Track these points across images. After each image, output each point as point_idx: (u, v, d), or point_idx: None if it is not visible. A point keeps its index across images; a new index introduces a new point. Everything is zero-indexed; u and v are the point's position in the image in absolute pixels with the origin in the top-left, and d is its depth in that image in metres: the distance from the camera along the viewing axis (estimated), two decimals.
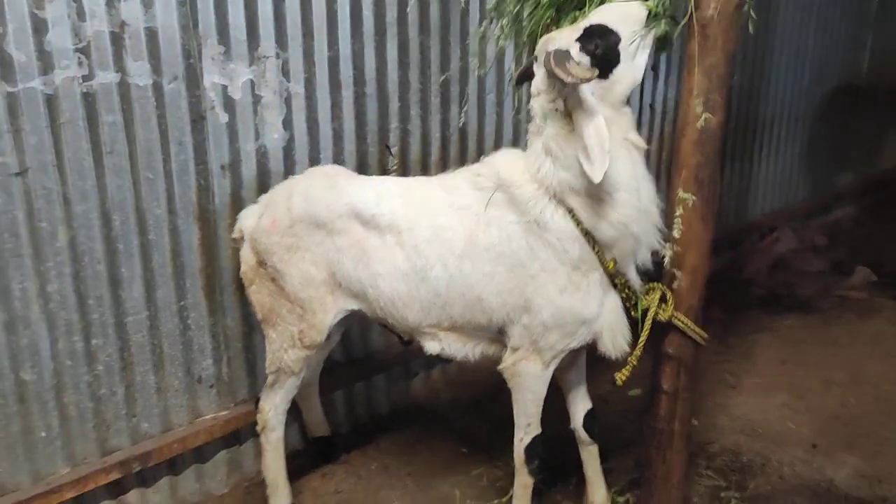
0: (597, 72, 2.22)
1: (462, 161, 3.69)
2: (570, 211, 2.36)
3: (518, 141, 3.87)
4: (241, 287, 3.04)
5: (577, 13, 2.46)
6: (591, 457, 2.96)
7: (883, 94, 6.65)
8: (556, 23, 2.54)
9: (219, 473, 3.24)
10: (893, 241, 5.89)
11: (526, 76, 2.51)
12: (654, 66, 4.30)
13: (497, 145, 3.82)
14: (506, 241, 2.45)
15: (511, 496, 2.90)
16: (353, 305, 2.74)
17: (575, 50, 2.24)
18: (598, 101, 2.27)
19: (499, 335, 2.63)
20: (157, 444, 2.97)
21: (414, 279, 2.57)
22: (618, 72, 2.27)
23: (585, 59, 2.25)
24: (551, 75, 2.23)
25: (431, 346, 2.71)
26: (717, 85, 2.28)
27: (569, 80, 2.16)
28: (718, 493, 3.10)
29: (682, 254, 2.47)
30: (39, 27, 2.47)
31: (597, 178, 2.18)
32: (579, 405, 2.91)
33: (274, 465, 2.98)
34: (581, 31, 2.28)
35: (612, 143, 2.21)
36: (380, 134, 3.41)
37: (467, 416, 3.73)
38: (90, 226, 2.70)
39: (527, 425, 2.70)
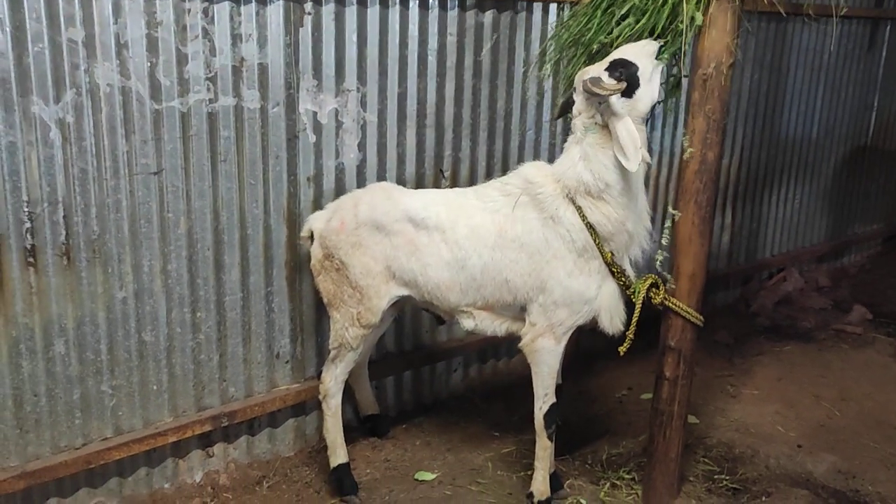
0: (625, 84, 2.83)
1: None
2: (579, 208, 3.00)
3: None
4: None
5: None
6: None
7: (888, 152, 7.19)
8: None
9: (287, 438, 3.81)
10: (892, 286, 6.38)
11: (566, 106, 3.13)
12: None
13: None
14: (528, 233, 3.08)
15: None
16: (404, 292, 3.32)
17: (605, 77, 2.85)
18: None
19: (521, 313, 3.23)
20: (241, 406, 3.55)
21: (455, 267, 3.18)
22: (639, 93, 2.89)
23: (613, 82, 2.86)
24: (589, 94, 2.85)
25: (467, 323, 3.31)
26: (714, 127, 2.88)
27: (604, 93, 2.79)
28: (712, 476, 3.61)
29: (682, 263, 3.05)
30: (181, 60, 3.13)
31: (633, 168, 2.80)
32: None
33: (333, 428, 3.52)
34: (608, 64, 2.91)
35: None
36: (436, 159, 4.03)
37: (499, 406, 4.28)
38: (204, 218, 3.33)
39: (544, 395, 3.28)
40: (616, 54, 2.93)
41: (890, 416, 4.22)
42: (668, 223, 3.11)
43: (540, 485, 3.35)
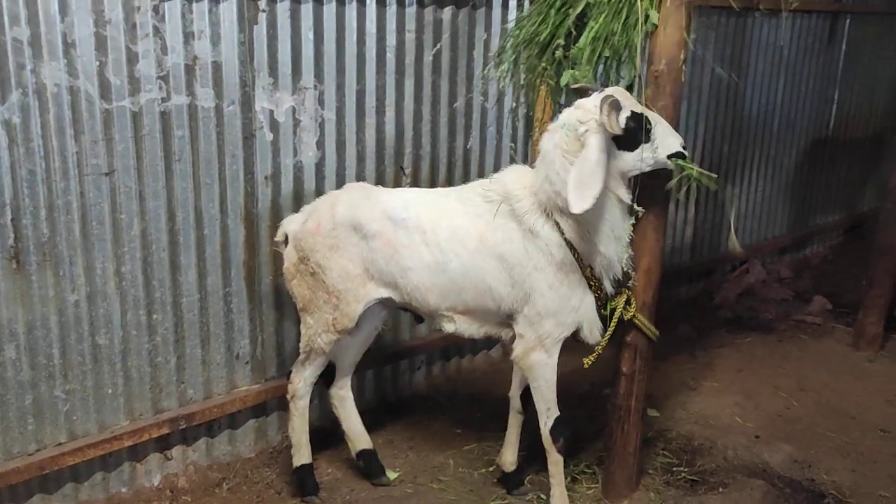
0: (618, 131, 2.69)
1: (465, 182, 4.23)
2: (557, 224, 2.92)
3: None
4: (276, 279, 3.65)
5: (573, 71, 3.06)
6: (516, 423, 3.51)
7: (848, 144, 7.30)
8: (546, 70, 3.18)
9: (248, 439, 3.78)
10: (853, 276, 6.47)
11: (580, 92, 2.94)
12: None
13: (495, 170, 4.39)
14: (508, 242, 3.00)
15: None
16: (384, 294, 3.23)
17: (625, 115, 2.73)
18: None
19: (506, 319, 3.16)
20: (200, 408, 3.52)
21: (436, 270, 3.10)
22: (626, 156, 2.81)
23: (617, 124, 2.71)
24: (602, 114, 2.68)
25: (447, 327, 3.23)
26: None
27: (605, 121, 2.66)
28: (671, 468, 3.65)
29: (638, 258, 3.07)
30: (132, 58, 3.08)
31: (574, 210, 2.69)
32: (523, 380, 3.41)
33: (299, 428, 3.48)
34: (637, 110, 2.78)
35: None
36: (396, 157, 4.02)
37: (463, 405, 4.29)
38: (158, 219, 3.29)
39: (547, 409, 3.20)
40: (650, 114, 2.82)
41: (846, 405, 4.30)
42: (631, 220, 3.08)
43: (558, 501, 3.29)
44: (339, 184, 3.79)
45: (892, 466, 3.72)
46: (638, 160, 2.83)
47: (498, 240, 3.02)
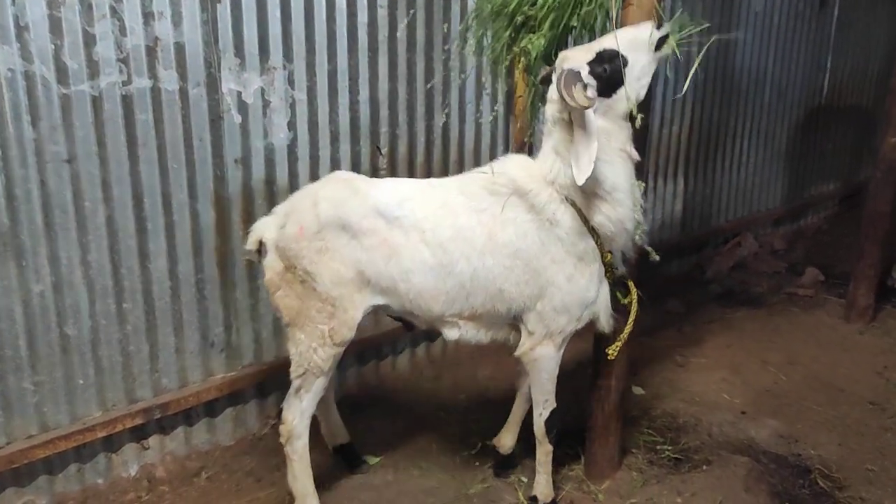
0: (595, 102, 2.56)
1: (444, 161, 4.23)
2: (579, 210, 2.78)
3: (494, 143, 4.41)
4: (250, 264, 3.59)
5: (531, 36, 3.00)
6: (522, 409, 3.46)
7: (843, 112, 7.18)
8: (515, 43, 3.08)
9: (226, 427, 3.73)
10: (846, 247, 6.39)
11: (547, 80, 2.87)
12: None
13: (475, 148, 4.35)
14: (522, 237, 2.82)
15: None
16: (380, 300, 2.95)
17: (585, 72, 2.60)
18: (602, 115, 2.66)
19: (513, 321, 3.00)
20: (175, 397, 3.47)
21: (441, 273, 2.86)
22: (621, 92, 2.64)
23: (593, 82, 2.61)
24: (570, 99, 2.54)
25: (451, 334, 3.01)
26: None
27: (571, 103, 2.52)
28: (655, 446, 3.60)
29: None
30: (89, 41, 3.00)
31: (580, 182, 2.58)
32: None
33: (302, 474, 3.07)
34: (594, 55, 2.63)
35: (611, 153, 2.67)
36: (371, 137, 3.93)
37: (446, 389, 4.24)
38: (125, 206, 3.21)
39: (545, 401, 3.11)
40: (607, 41, 2.65)
41: (835, 378, 4.24)
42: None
43: (544, 488, 3.22)
44: (313, 166, 3.72)
45: (879, 439, 3.67)
46: (635, 81, 2.68)
47: (510, 236, 2.83)
